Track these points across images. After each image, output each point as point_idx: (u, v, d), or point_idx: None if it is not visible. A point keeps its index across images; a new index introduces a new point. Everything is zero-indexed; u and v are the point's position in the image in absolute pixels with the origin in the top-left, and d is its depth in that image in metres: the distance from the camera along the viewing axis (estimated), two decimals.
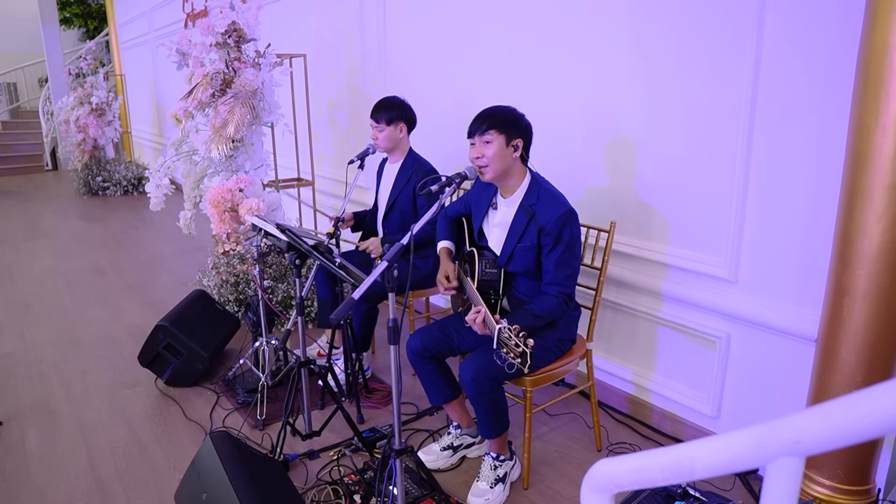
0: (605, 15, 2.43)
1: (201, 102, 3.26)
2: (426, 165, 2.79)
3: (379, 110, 2.73)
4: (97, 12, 11.65)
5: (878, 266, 1.59)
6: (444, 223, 2.33)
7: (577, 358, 2.22)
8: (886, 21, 1.49)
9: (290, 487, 1.97)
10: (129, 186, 8.16)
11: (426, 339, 2.12)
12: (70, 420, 2.66)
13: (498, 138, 1.96)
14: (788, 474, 0.61)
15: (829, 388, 1.75)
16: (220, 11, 3.22)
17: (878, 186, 1.56)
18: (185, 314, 3.04)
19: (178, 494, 1.99)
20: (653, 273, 2.45)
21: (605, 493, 0.78)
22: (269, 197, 3.32)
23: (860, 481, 1.77)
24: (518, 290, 2.12)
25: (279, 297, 3.44)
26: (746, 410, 2.24)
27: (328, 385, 2.28)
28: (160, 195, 3.63)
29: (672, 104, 2.26)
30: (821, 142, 1.88)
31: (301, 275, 2.30)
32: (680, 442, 1.45)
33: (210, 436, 1.95)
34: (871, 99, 1.54)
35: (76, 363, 3.19)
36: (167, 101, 8.02)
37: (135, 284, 4.45)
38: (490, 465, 2.11)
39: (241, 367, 2.94)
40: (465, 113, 3.11)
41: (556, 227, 1.96)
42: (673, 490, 1.81)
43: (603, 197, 2.58)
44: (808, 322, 1.96)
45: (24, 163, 10.25)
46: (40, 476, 2.28)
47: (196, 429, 2.57)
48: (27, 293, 4.29)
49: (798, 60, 1.90)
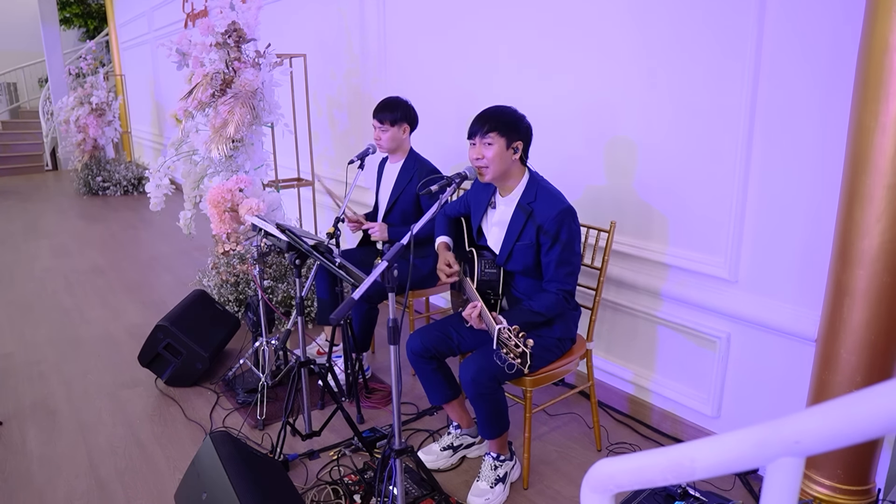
0: (605, 15, 2.43)
1: (201, 102, 3.26)
2: (427, 165, 2.79)
3: (383, 111, 2.71)
4: (97, 12, 11.65)
5: (878, 266, 1.59)
6: (443, 221, 2.32)
7: (577, 358, 2.22)
8: (886, 21, 1.49)
9: (290, 487, 1.97)
10: (129, 186, 8.17)
11: (426, 339, 2.12)
12: (70, 420, 2.66)
13: (499, 141, 1.96)
14: (788, 474, 0.61)
15: (829, 388, 1.75)
16: (220, 11, 3.23)
17: (878, 186, 1.56)
18: (185, 314, 3.04)
19: (178, 494, 1.99)
20: (653, 273, 2.45)
21: (605, 493, 0.78)
22: (269, 197, 3.32)
23: (860, 481, 1.77)
24: (517, 289, 2.12)
25: (279, 297, 3.44)
26: (746, 410, 2.24)
27: (328, 385, 2.28)
28: (160, 195, 3.63)
29: (672, 104, 2.26)
30: (821, 142, 1.88)
31: (301, 275, 2.30)
32: (680, 442, 1.45)
33: (210, 436, 1.95)
34: (871, 99, 1.54)
35: (76, 363, 3.19)
36: (167, 101, 8.02)
37: (135, 284, 4.45)
38: (490, 464, 2.11)
39: (241, 367, 2.94)
40: (465, 113, 3.11)
41: (555, 226, 1.97)
42: (673, 490, 1.81)
43: (603, 197, 2.58)
44: (808, 322, 1.96)
45: (24, 163, 10.26)
46: (40, 476, 2.28)
47: (196, 429, 2.57)
48: (27, 293, 4.29)
49: (798, 61, 1.90)
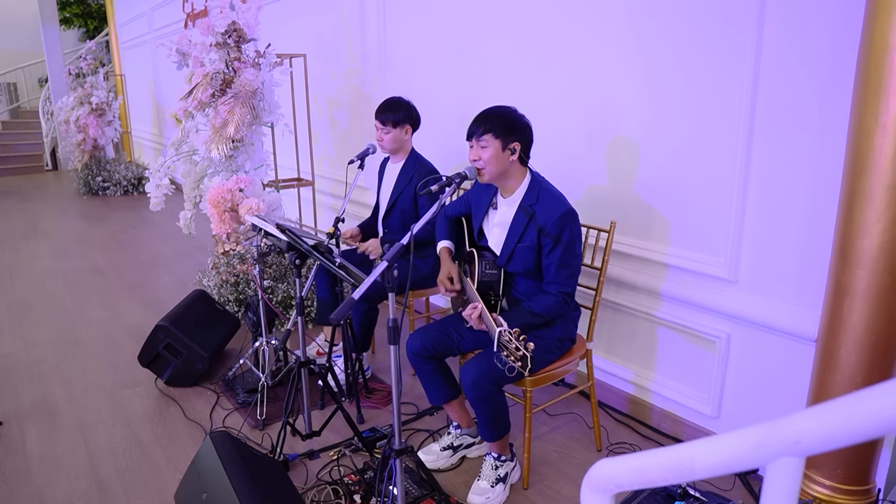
0: (606, 15, 2.43)
1: (201, 102, 3.26)
2: (428, 165, 2.78)
3: (385, 112, 2.69)
4: (97, 12, 11.65)
5: (878, 266, 1.59)
6: (444, 223, 2.32)
7: (577, 358, 2.22)
8: (886, 21, 1.49)
9: (290, 487, 1.97)
10: (129, 186, 8.17)
11: (426, 339, 2.12)
12: (70, 420, 2.66)
13: (493, 143, 1.95)
14: (788, 474, 0.61)
15: (829, 388, 1.75)
16: (220, 11, 3.23)
17: (878, 187, 1.56)
18: (185, 314, 3.04)
19: (178, 494, 1.99)
20: (653, 273, 2.45)
21: (605, 493, 0.78)
22: (269, 197, 3.32)
23: (860, 481, 1.77)
24: (518, 290, 2.12)
25: (279, 297, 3.44)
26: (746, 410, 2.24)
27: (328, 385, 2.28)
28: (160, 195, 3.63)
29: (673, 104, 2.26)
30: (821, 142, 1.88)
31: (301, 275, 2.30)
32: (680, 442, 1.45)
33: (210, 436, 1.95)
34: (871, 99, 1.54)
35: (76, 363, 3.19)
36: (167, 101, 8.02)
37: (135, 284, 4.45)
38: (491, 464, 2.11)
39: (241, 367, 2.94)
40: (465, 113, 3.11)
41: (556, 228, 1.96)
42: (673, 490, 1.81)
43: (603, 197, 2.58)
44: (808, 322, 1.96)
45: (24, 163, 10.25)
46: (40, 476, 2.28)
47: (196, 429, 2.57)
48: (27, 293, 4.29)
49: (798, 61, 1.90)
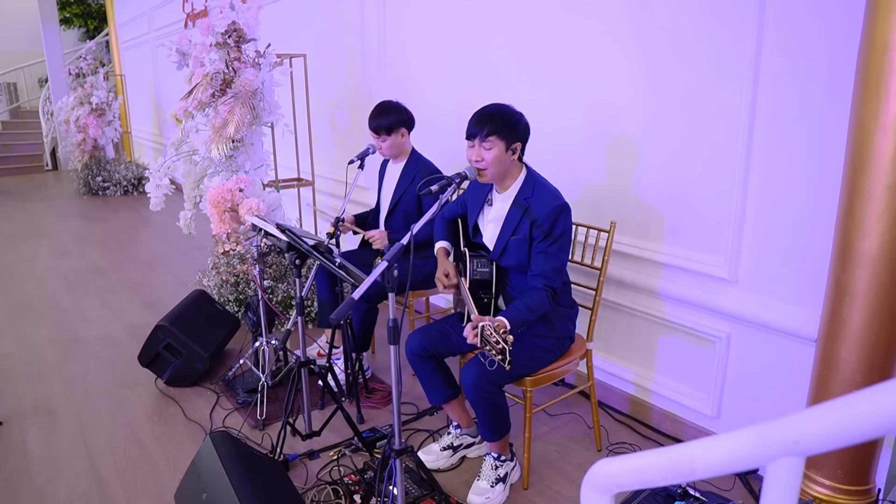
0: (605, 15, 2.43)
1: (201, 102, 3.26)
2: (430, 165, 2.78)
3: (377, 118, 2.66)
4: (97, 12, 11.65)
5: (878, 266, 1.59)
6: (441, 224, 2.32)
7: (576, 358, 2.22)
8: (886, 21, 1.49)
9: (290, 487, 1.97)
10: (129, 186, 8.17)
11: (425, 339, 2.12)
12: (70, 420, 2.66)
13: (498, 144, 1.94)
14: (788, 474, 0.61)
15: (829, 388, 1.75)
16: (220, 11, 3.22)
17: (878, 186, 1.56)
18: (185, 314, 3.04)
19: (178, 494, 1.99)
20: (653, 273, 2.45)
21: (606, 493, 0.78)
22: (269, 197, 3.32)
23: (860, 481, 1.77)
24: (513, 287, 2.12)
25: (279, 297, 3.44)
26: (746, 410, 2.23)
27: (328, 385, 2.28)
28: (160, 195, 3.63)
29: (672, 103, 2.26)
30: (821, 142, 1.88)
31: (301, 275, 2.30)
32: (680, 442, 1.45)
33: (210, 436, 1.95)
34: (871, 99, 1.54)
35: (76, 363, 3.19)
36: (167, 101, 8.02)
37: (135, 284, 4.45)
38: (491, 464, 2.11)
39: (241, 367, 2.94)
40: (465, 112, 3.09)
41: (549, 220, 1.96)
42: (673, 490, 1.81)
43: (603, 196, 2.58)
44: (808, 322, 1.96)
45: (24, 163, 10.26)
46: (40, 476, 2.28)
47: (196, 429, 2.57)
48: (27, 293, 4.29)
49: (798, 61, 1.90)
